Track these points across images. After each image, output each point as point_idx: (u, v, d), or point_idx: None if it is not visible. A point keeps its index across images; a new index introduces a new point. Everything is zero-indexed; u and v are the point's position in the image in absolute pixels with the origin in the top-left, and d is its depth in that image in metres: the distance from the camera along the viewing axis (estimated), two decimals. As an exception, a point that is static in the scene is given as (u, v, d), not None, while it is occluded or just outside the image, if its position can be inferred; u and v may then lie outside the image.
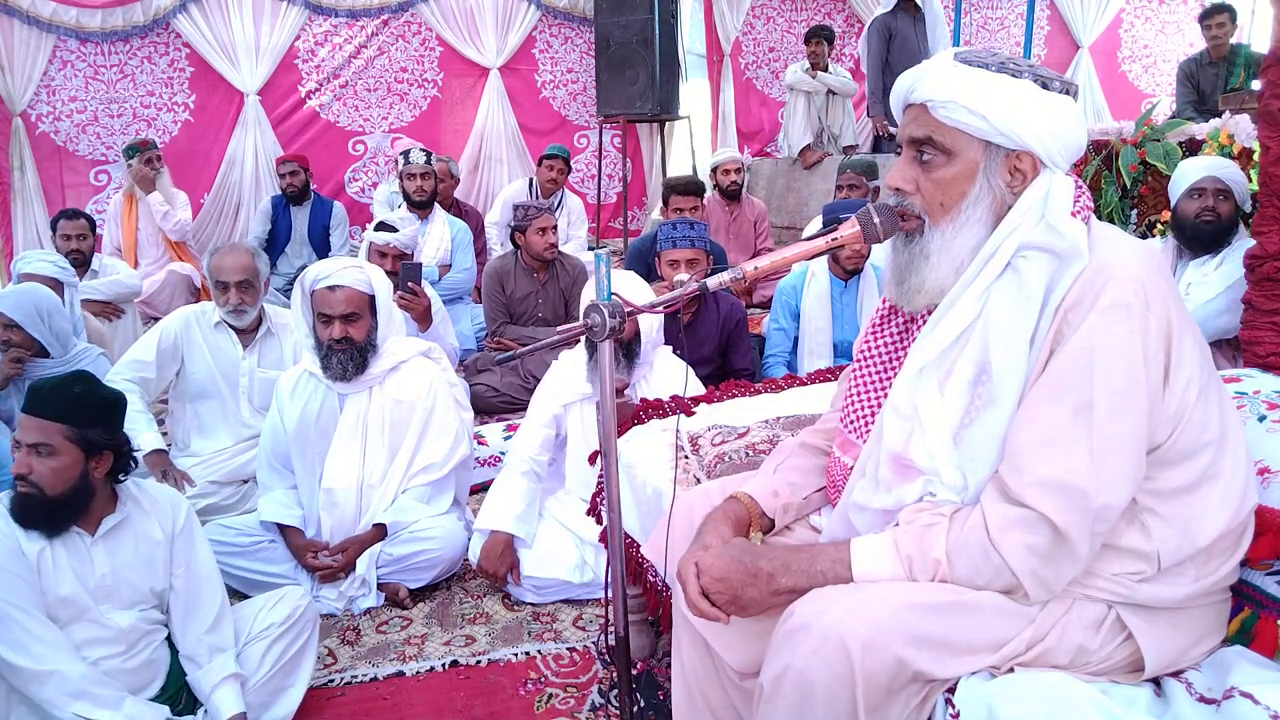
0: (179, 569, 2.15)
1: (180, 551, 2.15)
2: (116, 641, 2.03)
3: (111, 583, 2.05)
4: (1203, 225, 3.13)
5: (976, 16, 9.00)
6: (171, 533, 2.14)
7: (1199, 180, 3.15)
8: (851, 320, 3.89)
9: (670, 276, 3.53)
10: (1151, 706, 1.32)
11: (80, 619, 2.00)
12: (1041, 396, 1.29)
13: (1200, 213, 3.13)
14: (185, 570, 2.15)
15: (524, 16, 7.74)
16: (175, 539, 2.15)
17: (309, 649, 2.31)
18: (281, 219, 6.13)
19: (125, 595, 2.07)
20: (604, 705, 2.26)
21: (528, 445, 2.91)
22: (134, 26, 6.68)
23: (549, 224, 4.51)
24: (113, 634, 2.03)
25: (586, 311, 1.47)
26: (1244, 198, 3.15)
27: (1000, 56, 1.38)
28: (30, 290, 3.30)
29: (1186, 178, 3.20)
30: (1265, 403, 1.68)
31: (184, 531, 2.16)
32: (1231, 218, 3.14)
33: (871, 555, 1.35)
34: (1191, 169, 3.21)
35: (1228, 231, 3.13)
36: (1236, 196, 3.14)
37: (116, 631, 2.04)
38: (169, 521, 2.14)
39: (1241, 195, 3.15)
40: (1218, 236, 3.13)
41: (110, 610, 2.04)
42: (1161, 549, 1.31)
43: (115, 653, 2.03)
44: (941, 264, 1.40)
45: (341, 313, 2.75)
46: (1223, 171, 3.14)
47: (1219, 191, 3.12)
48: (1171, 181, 3.31)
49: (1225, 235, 3.13)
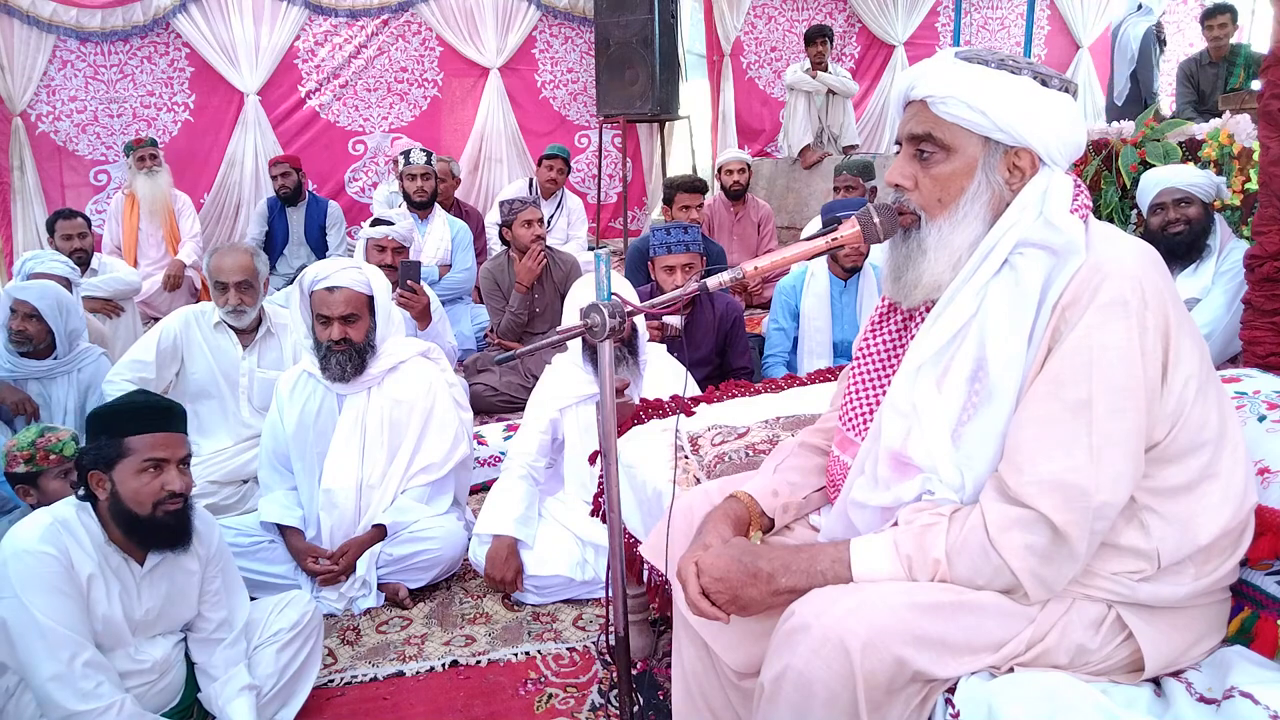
0: (209, 595, 2.14)
1: (211, 578, 2.14)
2: (150, 672, 2.03)
3: (154, 616, 2.03)
4: (1174, 237, 3.11)
5: (976, 16, 9.00)
6: (205, 558, 2.13)
7: (1155, 197, 3.15)
8: (851, 320, 3.89)
9: (667, 282, 3.52)
10: (1151, 706, 1.31)
11: (116, 649, 1.97)
12: (1040, 395, 1.29)
13: (1165, 226, 3.13)
14: (214, 596, 2.14)
15: (524, 16, 7.74)
16: (208, 564, 2.13)
17: (315, 656, 2.32)
18: (278, 220, 6.13)
19: (161, 625, 2.06)
20: (604, 705, 2.26)
21: (525, 451, 2.91)
22: (134, 26, 6.67)
23: (534, 216, 4.52)
24: (148, 665, 2.02)
25: (586, 311, 1.46)
26: (1210, 194, 3.14)
27: (1000, 54, 1.39)
28: (53, 285, 3.40)
29: (1145, 195, 3.20)
30: (1265, 403, 1.68)
31: (217, 555, 2.16)
32: (1202, 219, 3.13)
33: (871, 555, 1.34)
34: (1148, 185, 3.21)
35: (1204, 234, 3.12)
36: (1201, 197, 3.12)
37: (152, 664, 2.03)
38: (204, 548, 2.12)
39: (1207, 193, 3.13)
40: (1193, 242, 3.12)
41: (144, 642, 2.03)
42: (1161, 548, 1.30)
43: (147, 682, 2.02)
44: (939, 259, 1.40)
45: (340, 313, 2.75)
46: (1178, 180, 3.14)
47: (1179, 201, 3.12)
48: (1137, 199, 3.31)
49: (1201, 238, 3.12)
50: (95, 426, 1.95)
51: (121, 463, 1.91)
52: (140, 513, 1.93)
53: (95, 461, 1.91)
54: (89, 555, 1.91)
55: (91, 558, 1.92)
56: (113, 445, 1.91)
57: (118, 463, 1.91)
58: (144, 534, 1.96)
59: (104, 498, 1.93)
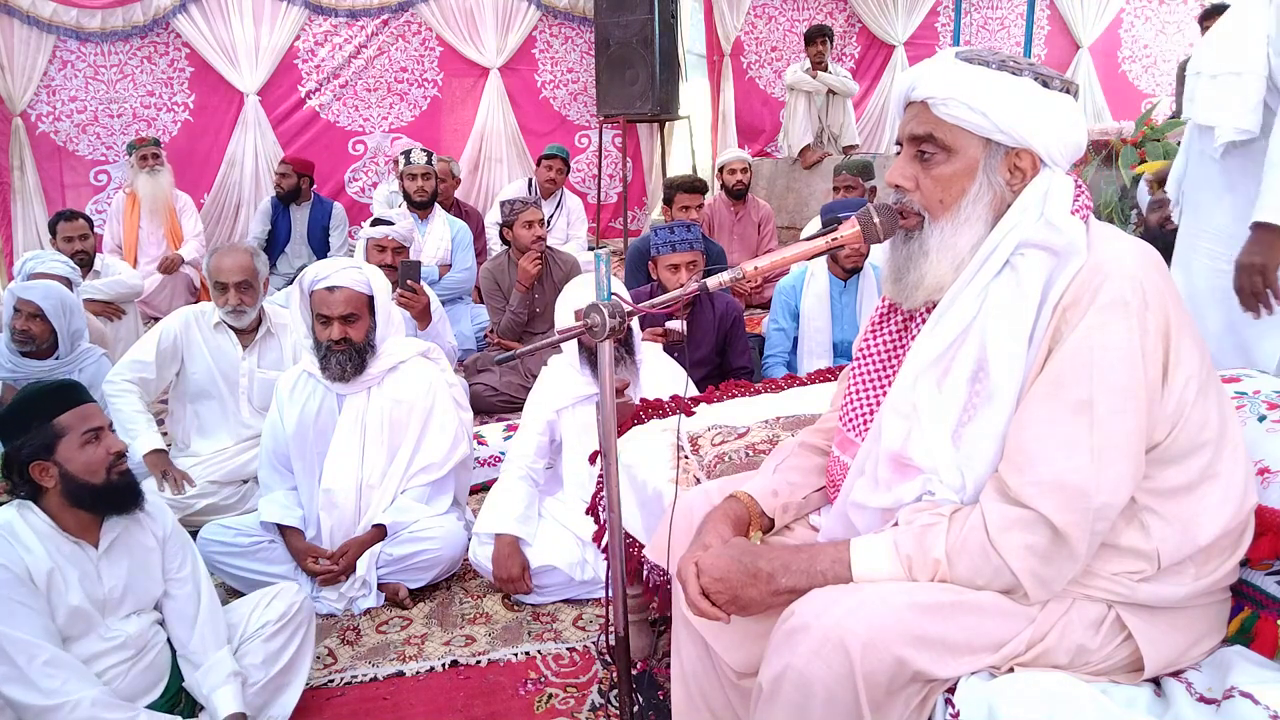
0: (172, 572, 2.16)
1: (172, 555, 2.16)
2: (126, 648, 2.03)
3: (119, 594, 2.05)
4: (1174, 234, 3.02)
5: (976, 16, 9.01)
6: (163, 537, 2.15)
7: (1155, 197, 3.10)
8: (851, 320, 3.89)
9: (671, 280, 3.52)
10: (1151, 706, 1.31)
11: (90, 633, 1.99)
12: (1040, 395, 1.29)
13: (1164, 222, 3.07)
14: (177, 572, 2.16)
15: (524, 16, 7.74)
16: (167, 543, 2.16)
17: (306, 647, 2.31)
18: (280, 219, 6.14)
19: (130, 603, 2.07)
20: (604, 705, 2.26)
21: (523, 453, 2.92)
22: (134, 26, 6.68)
23: (535, 217, 4.52)
24: (121, 641, 2.03)
25: (586, 311, 1.46)
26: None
27: (1000, 55, 1.39)
28: (56, 285, 3.44)
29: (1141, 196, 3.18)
30: (1265, 403, 1.68)
31: (174, 534, 2.18)
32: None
33: (871, 555, 1.34)
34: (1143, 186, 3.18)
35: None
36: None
37: (125, 638, 2.03)
38: (159, 527, 2.15)
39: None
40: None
41: (116, 620, 2.04)
42: (1161, 548, 1.30)
43: (125, 659, 2.03)
44: (941, 261, 1.40)
45: (340, 313, 2.75)
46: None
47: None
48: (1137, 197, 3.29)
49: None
50: (14, 423, 1.96)
51: (61, 443, 1.95)
52: (96, 481, 1.98)
53: (34, 453, 1.94)
54: (40, 554, 1.93)
55: (44, 554, 1.93)
56: (44, 431, 1.95)
57: (57, 444, 1.95)
58: (104, 501, 2.01)
59: (52, 484, 1.96)
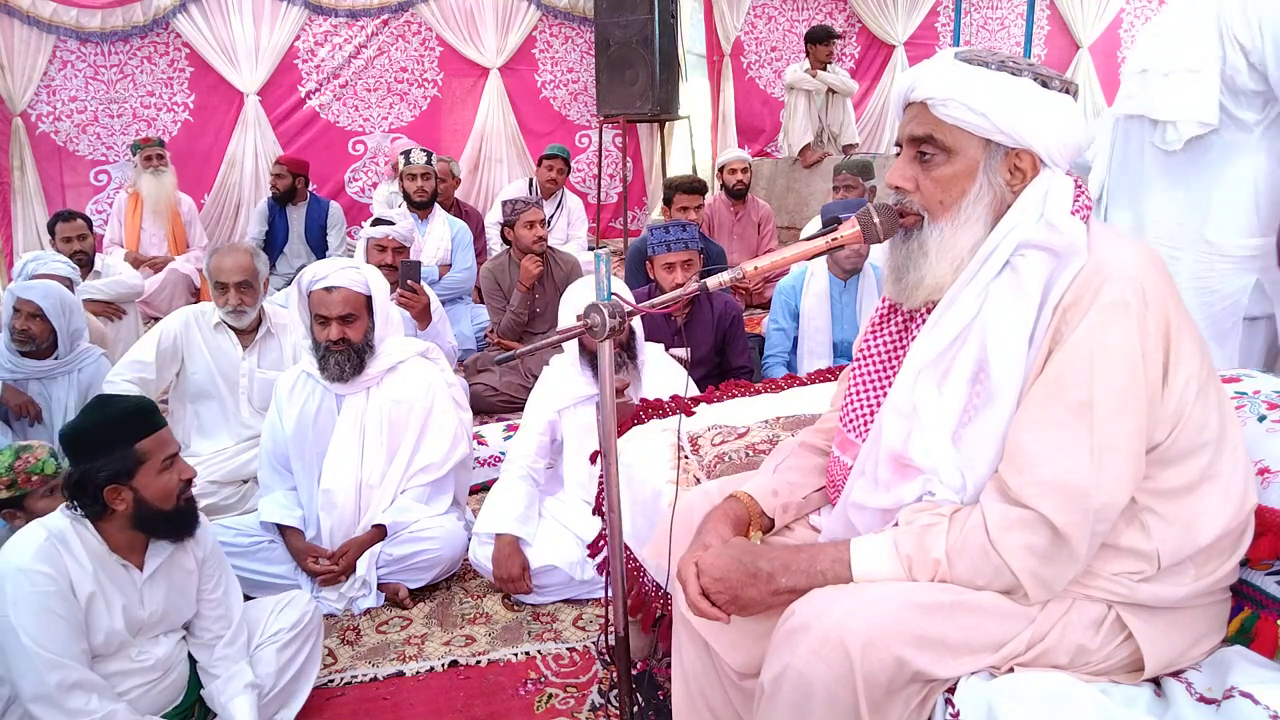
0: (205, 593, 2.15)
1: (208, 576, 2.15)
2: (153, 670, 2.03)
3: (157, 618, 2.04)
4: None
5: (976, 16, 9.01)
6: (202, 559, 2.14)
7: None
8: (851, 320, 3.89)
9: (667, 280, 3.52)
10: (1151, 706, 1.31)
11: (120, 653, 1.99)
12: (1040, 396, 1.29)
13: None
14: (210, 593, 2.15)
15: (524, 16, 7.74)
16: (204, 564, 2.15)
17: (315, 655, 2.32)
18: (277, 220, 6.12)
19: (163, 625, 2.07)
20: (604, 705, 2.26)
21: (523, 453, 2.92)
22: (134, 26, 6.68)
23: (537, 217, 4.52)
24: (151, 663, 2.03)
25: (586, 311, 1.46)
26: None
27: (1000, 55, 1.38)
28: (56, 285, 3.43)
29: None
30: (1265, 403, 1.68)
31: (212, 554, 2.17)
32: None
33: (871, 555, 1.35)
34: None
35: None
36: None
37: (155, 660, 2.03)
38: (200, 549, 2.13)
39: None
40: None
41: (146, 641, 2.04)
42: (1161, 548, 1.31)
43: (150, 680, 2.03)
44: (941, 261, 1.40)
45: (338, 314, 2.74)
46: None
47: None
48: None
49: None
50: (93, 442, 1.91)
51: (142, 469, 1.92)
52: (167, 508, 1.98)
53: (114, 476, 1.90)
54: (87, 571, 1.91)
55: (90, 573, 1.91)
56: (128, 455, 1.91)
57: (138, 470, 1.92)
58: (169, 527, 2.01)
59: (124, 508, 1.92)
